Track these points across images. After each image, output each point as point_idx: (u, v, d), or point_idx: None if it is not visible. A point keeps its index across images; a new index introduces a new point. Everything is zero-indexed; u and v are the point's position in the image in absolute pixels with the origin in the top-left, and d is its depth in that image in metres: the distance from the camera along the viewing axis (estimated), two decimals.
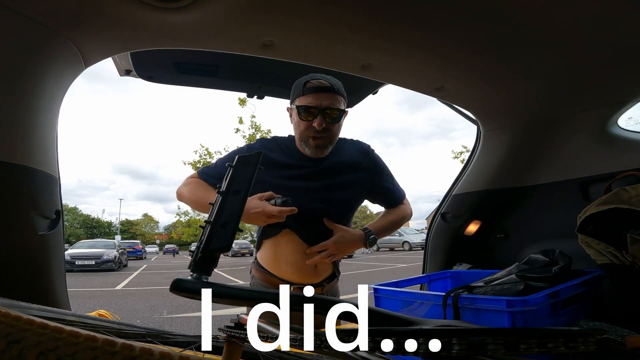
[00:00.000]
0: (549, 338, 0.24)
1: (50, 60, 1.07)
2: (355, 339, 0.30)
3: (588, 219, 1.36)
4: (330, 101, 1.42)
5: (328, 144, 1.50)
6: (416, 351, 0.25)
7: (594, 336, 0.26)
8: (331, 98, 1.43)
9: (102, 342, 0.28)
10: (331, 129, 1.46)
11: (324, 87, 1.42)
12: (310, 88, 1.43)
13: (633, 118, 7.00)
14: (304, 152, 1.54)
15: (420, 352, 0.25)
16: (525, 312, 0.98)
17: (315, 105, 1.42)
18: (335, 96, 1.44)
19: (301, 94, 1.44)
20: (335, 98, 1.43)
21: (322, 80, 1.44)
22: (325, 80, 1.44)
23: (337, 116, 1.45)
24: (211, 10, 1.03)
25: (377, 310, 0.41)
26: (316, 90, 1.42)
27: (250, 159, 0.55)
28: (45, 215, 1.15)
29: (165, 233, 78.34)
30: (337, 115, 1.45)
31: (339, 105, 1.45)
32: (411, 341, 0.26)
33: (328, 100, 1.42)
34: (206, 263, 0.50)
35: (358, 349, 0.30)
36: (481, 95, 1.63)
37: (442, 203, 2.18)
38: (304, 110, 1.43)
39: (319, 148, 1.49)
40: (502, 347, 0.23)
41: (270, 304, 0.44)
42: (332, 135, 1.49)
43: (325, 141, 1.48)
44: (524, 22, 1.11)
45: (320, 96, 1.42)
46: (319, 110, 1.42)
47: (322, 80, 1.44)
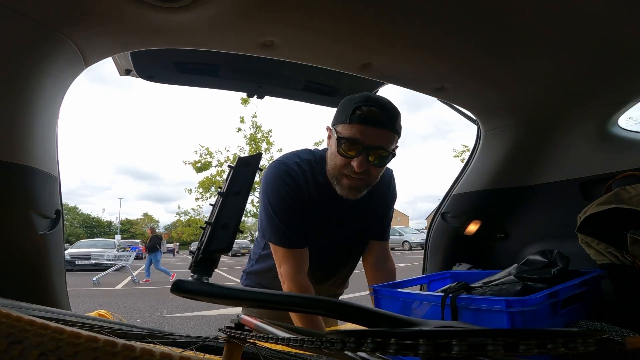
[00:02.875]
0: (549, 339, 0.24)
1: (50, 59, 1.07)
2: (356, 340, 0.30)
3: (588, 219, 1.36)
4: (382, 140, 1.17)
5: (364, 188, 1.27)
6: (416, 352, 0.25)
7: (594, 337, 0.26)
8: (383, 136, 1.17)
9: (103, 342, 0.28)
10: (372, 173, 1.23)
11: (377, 120, 1.16)
12: (360, 117, 1.16)
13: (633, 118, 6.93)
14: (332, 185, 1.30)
15: (420, 353, 0.25)
16: (525, 312, 0.98)
17: (360, 141, 1.16)
18: (389, 134, 1.19)
19: (347, 120, 1.17)
20: (389, 136, 1.19)
21: (376, 110, 1.16)
22: (380, 109, 1.17)
23: (384, 158, 1.21)
24: (211, 10, 1.03)
25: (377, 311, 0.41)
26: (366, 121, 1.16)
27: (250, 160, 0.55)
28: (45, 214, 1.15)
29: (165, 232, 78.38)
30: (384, 157, 1.21)
31: (390, 146, 1.20)
32: (411, 342, 0.26)
33: (379, 138, 1.17)
34: (207, 264, 0.50)
35: (358, 350, 0.30)
36: (481, 95, 1.63)
37: (442, 203, 2.18)
38: (345, 144, 1.18)
39: (352, 190, 1.25)
40: (501, 347, 0.23)
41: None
42: (372, 179, 1.26)
43: (362, 184, 1.25)
44: (525, 21, 1.12)
45: (370, 131, 1.16)
46: (363, 147, 1.17)
47: (377, 110, 1.16)
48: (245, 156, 0.56)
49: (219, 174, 21.09)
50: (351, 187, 1.24)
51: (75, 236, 57.67)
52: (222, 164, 20.86)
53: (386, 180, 1.48)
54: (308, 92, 1.84)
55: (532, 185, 1.86)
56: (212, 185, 21.51)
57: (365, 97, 1.20)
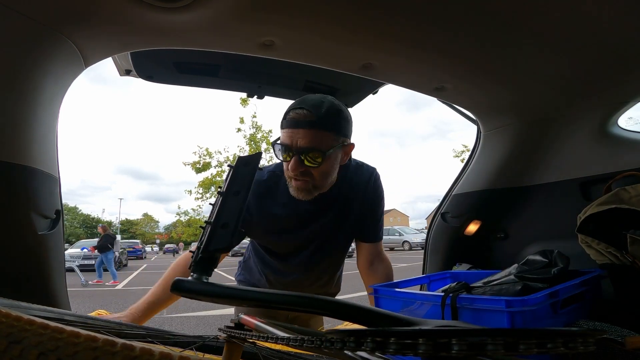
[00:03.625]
0: (548, 338, 0.24)
1: (50, 59, 1.07)
2: (356, 339, 0.30)
3: (588, 219, 1.36)
4: (308, 140, 1.15)
5: (312, 190, 1.25)
6: (416, 351, 0.26)
7: (594, 337, 0.26)
8: (311, 136, 1.15)
9: (103, 342, 0.28)
10: (314, 174, 1.21)
11: (305, 122, 1.15)
12: (289, 121, 1.17)
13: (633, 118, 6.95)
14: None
15: (420, 353, 0.25)
16: (525, 312, 0.98)
17: (288, 145, 1.16)
18: (319, 133, 1.16)
19: (281, 126, 1.20)
20: (319, 135, 1.16)
21: (303, 111, 1.15)
22: (311, 111, 1.15)
23: (318, 158, 1.17)
24: (211, 10, 1.03)
25: (377, 311, 0.41)
26: (295, 124, 1.15)
27: (250, 160, 0.55)
28: (45, 215, 1.15)
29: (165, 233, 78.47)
30: (318, 157, 1.17)
31: (320, 145, 1.16)
32: (411, 341, 0.26)
33: (305, 138, 1.15)
34: (206, 263, 0.50)
35: (358, 349, 0.30)
36: (481, 95, 1.63)
37: (442, 203, 2.18)
38: (280, 149, 1.19)
39: (300, 192, 1.25)
40: (501, 347, 0.23)
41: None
42: (318, 181, 1.24)
43: (307, 185, 1.23)
44: (524, 22, 1.12)
45: (297, 133, 1.15)
46: (294, 151, 1.16)
47: (305, 111, 1.15)
48: (245, 156, 0.56)
49: (218, 174, 21.05)
50: (299, 189, 1.24)
51: (75, 236, 57.70)
52: (221, 165, 20.84)
53: (363, 181, 1.45)
54: (308, 92, 1.84)
55: (532, 185, 1.86)
56: (212, 185, 21.49)
57: (300, 100, 1.20)
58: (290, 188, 1.27)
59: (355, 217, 1.45)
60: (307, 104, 1.17)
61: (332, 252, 1.53)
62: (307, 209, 1.37)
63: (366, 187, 1.46)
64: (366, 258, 1.55)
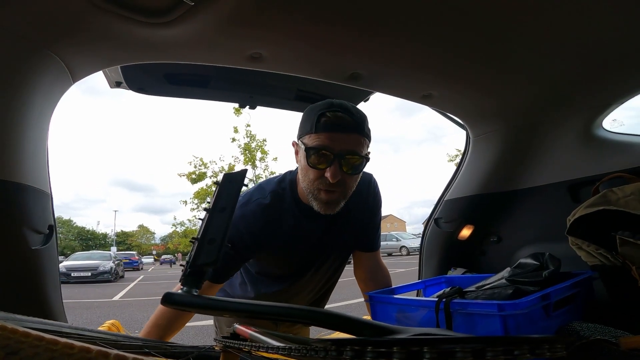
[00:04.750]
0: (515, 345, 0.25)
1: (38, 76, 1.07)
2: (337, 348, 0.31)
3: (578, 221, 1.37)
4: (352, 144, 1.09)
5: (341, 200, 1.18)
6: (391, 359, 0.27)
7: (562, 342, 0.27)
8: (353, 140, 1.10)
9: (96, 353, 0.29)
10: (347, 182, 1.14)
11: (344, 125, 1.08)
12: (326, 124, 1.08)
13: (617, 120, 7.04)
14: (310, 203, 1.20)
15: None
16: (517, 315, 0.99)
17: (330, 148, 1.08)
18: (359, 138, 1.11)
19: (313, 130, 1.09)
20: (359, 140, 1.11)
21: (341, 114, 1.09)
22: (346, 113, 1.09)
23: (358, 165, 1.13)
24: (198, 25, 1.04)
25: (362, 320, 0.42)
26: (334, 127, 1.08)
27: (235, 177, 0.56)
28: (38, 230, 1.15)
29: (161, 244, 77.96)
30: (358, 164, 1.12)
31: (361, 150, 1.11)
32: (385, 350, 0.27)
33: (349, 143, 1.09)
34: (195, 277, 0.51)
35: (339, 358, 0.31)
36: (468, 102, 1.65)
37: (435, 208, 2.19)
38: (315, 155, 1.09)
39: (330, 205, 1.16)
40: (470, 354, 0.24)
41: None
42: (348, 190, 1.17)
43: (339, 197, 1.15)
44: (509, 28, 1.13)
45: (338, 137, 1.08)
46: (334, 155, 1.08)
47: (342, 114, 1.09)
48: (230, 172, 0.56)
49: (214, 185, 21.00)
50: (329, 202, 1.15)
51: (70, 249, 57.21)
52: (216, 175, 20.80)
53: (364, 187, 1.39)
54: (300, 102, 1.85)
55: (521, 189, 1.88)
56: (207, 196, 21.43)
57: (329, 103, 1.13)
58: (315, 202, 1.17)
59: (357, 228, 1.41)
60: (342, 108, 1.11)
61: (337, 268, 1.50)
62: (312, 228, 1.30)
63: (367, 196, 1.41)
64: (367, 268, 1.51)
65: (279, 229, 1.26)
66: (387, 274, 1.55)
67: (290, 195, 1.28)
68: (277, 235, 1.26)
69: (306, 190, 1.18)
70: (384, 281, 1.52)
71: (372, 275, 1.51)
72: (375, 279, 1.51)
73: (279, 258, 1.35)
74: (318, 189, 1.14)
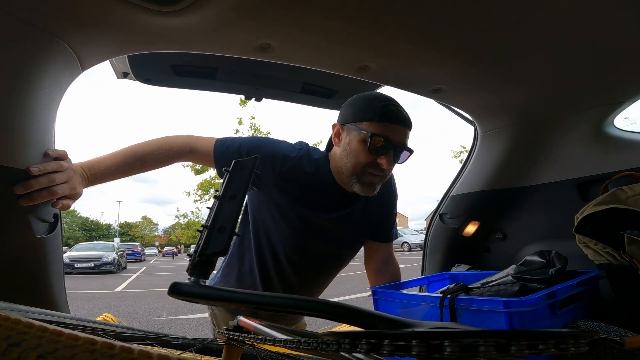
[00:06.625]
0: (540, 339, 0.24)
1: (47, 63, 1.06)
2: (351, 342, 0.31)
3: (585, 219, 1.36)
4: (406, 138, 1.24)
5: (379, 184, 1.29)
6: (409, 353, 0.26)
7: (586, 338, 0.26)
8: (407, 134, 1.24)
9: (101, 344, 0.28)
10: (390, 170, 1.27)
11: (403, 119, 1.21)
12: (388, 115, 1.19)
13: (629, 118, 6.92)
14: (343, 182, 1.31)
15: (413, 354, 0.26)
16: (523, 312, 0.99)
17: (391, 139, 1.19)
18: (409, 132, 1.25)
19: (376, 118, 1.19)
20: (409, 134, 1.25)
21: (400, 109, 1.22)
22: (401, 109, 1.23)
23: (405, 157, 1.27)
24: (208, 14, 1.03)
25: (373, 313, 0.41)
26: (396, 120, 1.20)
27: (246, 164, 0.55)
28: (43, 218, 1.14)
29: (164, 235, 78.36)
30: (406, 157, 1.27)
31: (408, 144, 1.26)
32: (404, 343, 0.26)
33: (404, 136, 1.23)
34: (203, 267, 0.50)
35: (353, 351, 0.31)
36: (478, 97, 1.63)
37: (440, 204, 2.19)
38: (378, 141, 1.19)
39: (372, 187, 1.26)
40: (493, 348, 0.24)
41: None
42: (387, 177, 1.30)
43: (381, 181, 1.27)
44: (520, 23, 1.12)
45: (398, 130, 1.21)
46: (392, 145, 1.20)
47: (401, 109, 1.22)
48: (241, 159, 0.56)
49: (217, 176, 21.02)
50: (372, 184, 1.25)
51: (74, 239, 57.54)
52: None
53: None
54: (306, 95, 1.84)
55: (529, 186, 1.87)
56: (210, 187, 21.48)
57: (383, 96, 1.24)
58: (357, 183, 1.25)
59: (375, 218, 1.46)
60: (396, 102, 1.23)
61: (348, 253, 1.51)
62: (338, 203, 1.36)
63: (390, 186, 1.50)
64: (379, 258, 1.54)
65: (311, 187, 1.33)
66: (397, 266, 1.57)
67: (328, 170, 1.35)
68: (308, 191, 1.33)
69: (349, 170, 1.25)
70: (395, 273, 1.54)
71: (383, 266, 1.53)
72: (386, 271, 1.53)
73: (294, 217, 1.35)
74: (365, 172, 1.22)
